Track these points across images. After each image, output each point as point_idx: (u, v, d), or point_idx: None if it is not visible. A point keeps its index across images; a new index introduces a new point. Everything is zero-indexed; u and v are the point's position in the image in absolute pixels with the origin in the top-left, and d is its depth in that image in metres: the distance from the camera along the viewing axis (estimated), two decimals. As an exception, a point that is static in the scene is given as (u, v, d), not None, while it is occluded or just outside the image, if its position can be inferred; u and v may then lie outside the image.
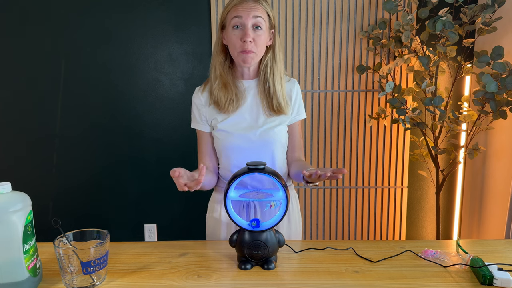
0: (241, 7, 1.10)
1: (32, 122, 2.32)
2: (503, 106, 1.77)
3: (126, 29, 2.22)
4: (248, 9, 1.09)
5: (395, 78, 2.16)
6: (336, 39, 2.18)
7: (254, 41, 1.10)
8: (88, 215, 2.41)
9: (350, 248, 1.05)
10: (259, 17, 1.10)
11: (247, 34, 1.09)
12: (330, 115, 2.25)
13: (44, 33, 2.22)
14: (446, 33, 1.81)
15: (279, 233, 0.97)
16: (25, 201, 0.82)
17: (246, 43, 1.09)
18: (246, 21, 1.09)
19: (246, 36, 1.09)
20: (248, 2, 1.10)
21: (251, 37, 1.09)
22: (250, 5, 1.10)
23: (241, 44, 1.10)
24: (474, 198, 2.22)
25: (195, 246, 1.08)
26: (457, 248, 1.02)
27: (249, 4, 1.10)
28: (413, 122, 2.01)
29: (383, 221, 2.33)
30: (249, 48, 1.10)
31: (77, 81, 2.28)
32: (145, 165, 2.35)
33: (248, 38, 1.09)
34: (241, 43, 1.10)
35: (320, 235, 2.36)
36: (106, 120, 2.31)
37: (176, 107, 2.30)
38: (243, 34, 1.09)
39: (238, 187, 0.99)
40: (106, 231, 0.89)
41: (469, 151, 1.97)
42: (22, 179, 2.35)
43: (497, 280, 0.84)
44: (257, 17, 1.10)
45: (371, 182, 2.30)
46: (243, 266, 0.94)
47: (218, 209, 1.26)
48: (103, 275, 0.88)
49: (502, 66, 1.70)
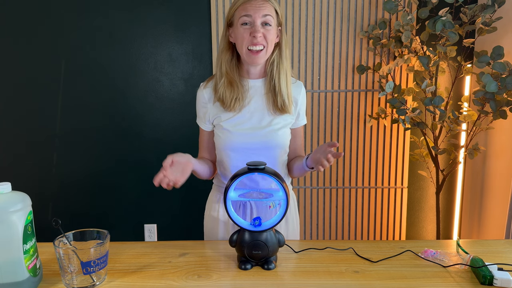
0: (250, 4, 1.09)
1: (32, 122, 2.32)
2: (503, 106, 1.77)
3: (126, 29, 2.22)
4: (257, 7, 1.09)
5: (395, 78, 2.16)
6: (336, 39, 2.18)
7: (264, 36, 1.10)
8: (88, 215, 2.41)
9: (350, 248, 1.05)
10: (268, 15, 1.10)
11: (257, 30, 1.09)
12: (330, 115, 2.24)
13: (44, 33, 2.22)
14: (446, 33, 1.81)
15: (279, 233, 0.97)
16: (25, 201, 0.82)
17: (256, 38, 1.09)
18: (256, 19, 1.09)
19: (256, 32, 1.09)
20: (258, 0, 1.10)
21: (261, 32, 1.09)
22: (259, 3, 1.09)
23: (250, 39, 1.10)
24: (474, 198, 2.22)
25: (195, 246, 1.07)
26: (457, 248, 1.02)
27: (259, 2, 1.09)
28: (413, 122, 2.01)
29: (383, 221, 2.33)
30: (260, 42, 1.10)
31: (77, 81, 2.28)
32: (145, 165, 2.35)
33: (258, 34, 1.08)
34: (250, 37, 1.09)
35: (320, 235, 2.36)
36: (106, 120, 2.31)
37: (176, 107, 2.30)
38: (253, 30, 1.09)
39: (237, 187, 0.99)
40: (106, 231, 0.89)
41: (469, 151, 1.97)
42: (22, 179, 2.35)
43: (497, 280, 0.84)
44: (266, 16, 1.09)
45: (371, 182, 2.30)
46: (243, 266, 0.94)
47: (216, 208, 1.27)
48: (103, 275, 0.88)
49: (502, 66, 1.70)
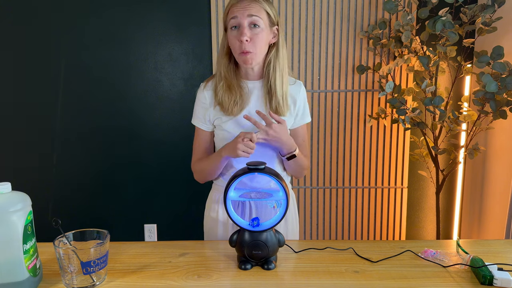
0: (237, 7, 1.09)
1: (32, 122, 2.32)
2: (503, 106, 1.77)
3: (126, 29, 2.22)
4: (243, 8, 1.08)
5: (395, 78, 2.16)
6: (336, 39, 2.18)
7: (252, 40, 1.08)
8: (88, 215, 2.41)
9: (350, 248, 1.05)
10: (254, 15, 1.08)
11: (243, 33, 1.07)
12: (330, 115, 2.24)
13: (44, 33, 2.22)
14: (446, 33, 1.81)
15: (279, 233, 0.97)
16: (25, 201, 0.82)
17: (242, 43, 1.08)
18: (242, 20, 1.08)
19: (242, 36, 1.07)
20: (244, 1, 1.09)
21: (248, 36, 1.08)
22: (245, 3, 1.08)
23: (239, 45, 1.09)
24: (474, 198, 2.22)
25: (195, 246, 1.07)
26: (457, 248, 1.02)
27: (245, 3, 1.09)
28: (413, 122, 2.01)
29: (383, 221, 2.33)
30: (246, 48, 1.08)
31: (77, 81, 2.28)
32: (145, 165, 2.35)
33: (244, 37, 1.07)
34: (239, 43, 1.09)
35: (320, 235, 2.36)
36: (106, 120, 2.31)
37: (176, 107, 2.30)
38: (239, 34, 1.08)
39: (237, 187, 0.99)
40: (106, 231, 0.89)
41: (469, 151, 1.97)
42: (22, 179, 2.35)
43: (497, 280, 0.84)
44: (253, 16, 1.08)
45: (371, 182, 2.30)
46: (243, 266, 0.94)
47: (215, 208, 1.26)
48: (103, 275, 0.88)
49: (502, 66, 1.70)
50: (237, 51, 1.11)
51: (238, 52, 1.10)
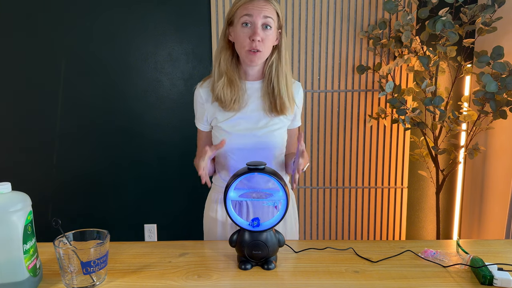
0: (252, 5, 1.08)
1: (32, 122, 2.32)
2: (503, 106, 1.77)
3: (126, 29, 2.22)
4: (259, 8, 1.08)
5: (395, 78, 2.16)
6: (336, 39, 2.18)
7: (263, 40, 1.09)
8: (88, 215, 2.41)
9: (350, 248, 1.05)
10: (269, 17, 1.09)
11: (256, 33, 1.08)
12: (330, 115, 2.24)
13: (44, 33, 2.22)
14: (446, 33, 1.81)
15: (279, 233, 0.97)
16: (25, 201, 0.82)
17: (255, 42, 1.08)
18: (257, 20, 1.08)
19: (256, 35, 1.07)
20: (260, 0, 1.09)
21: (260, 36, 1.08)
22: (261, 4, 1.09)
23: (249, 42, 1.09)
24: (474, 198, 2.22)
25: (195, 246, 1.07)
26: (457, 248, 1.02)
27: (260, 3, 1.09)
28: (413, 122, 2.01)
29: (383, 221, 2.33)
30: (258, 47, 1.09)
31: (77, 81, 2.27)
32: (145, 165, 2.35)
33: (257, 37, 1.07)
34: (250, 41, 1.09)
35: (320, 235, 2.36)
36: (106, 120, 2.31)
37: (176, 107, 2.30)
38: (253, 33, 1.08)
39: (237, 187, 0.99)
40: (106, 231, 0.89)
41: (469, 151, 1.97)
42: (22, 179, 2.35)
43: (497, 280, 0.84)
44: (267, 17, 1.08)
45: (371, 182, 2.30)
46: (243, 266, 0.94)
47: (215, 208, 1.27)
48: (103, 275, 0.88)
49: (502, 66, 1.70)
50: (245, 48, 1.10)
51: (247, 49, 1.10)
